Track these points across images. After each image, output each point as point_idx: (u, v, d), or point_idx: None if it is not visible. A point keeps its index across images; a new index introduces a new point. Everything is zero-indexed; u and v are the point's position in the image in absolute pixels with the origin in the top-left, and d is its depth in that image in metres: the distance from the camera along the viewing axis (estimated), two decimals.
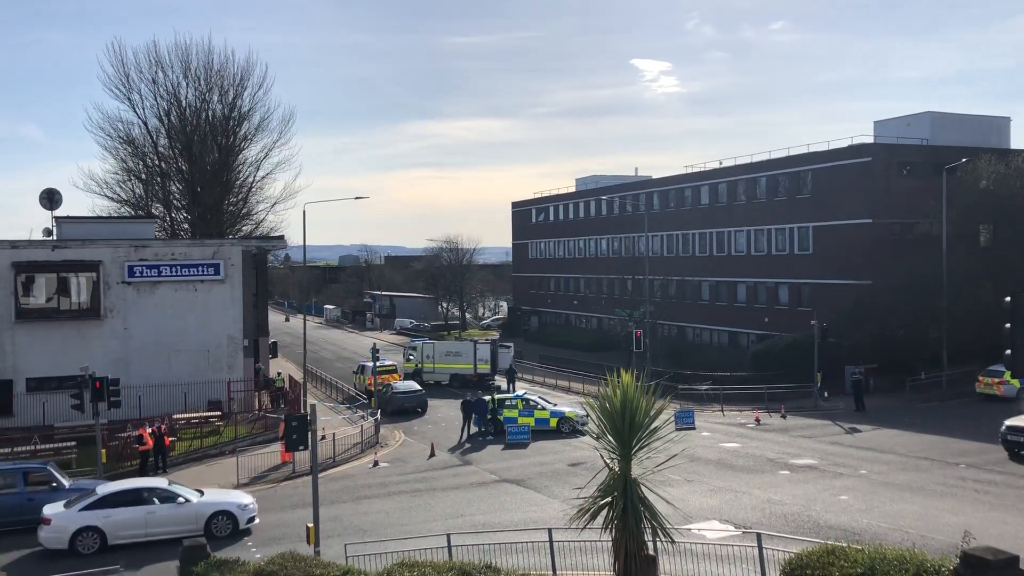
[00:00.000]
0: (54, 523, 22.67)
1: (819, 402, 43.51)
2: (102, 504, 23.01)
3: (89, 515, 22.78)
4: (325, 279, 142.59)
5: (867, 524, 21.89)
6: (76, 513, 22.82)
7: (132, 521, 22.98)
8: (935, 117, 56.24)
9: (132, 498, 23.45)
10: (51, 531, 22.65)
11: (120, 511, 23.02)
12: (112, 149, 58.84)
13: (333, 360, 71.82)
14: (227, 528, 23.67)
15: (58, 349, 38.21)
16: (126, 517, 22.99)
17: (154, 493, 23.80)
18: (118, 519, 22.92)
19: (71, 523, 22.64)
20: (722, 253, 62.24)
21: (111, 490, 23.66)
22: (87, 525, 22.64)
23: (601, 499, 13.59)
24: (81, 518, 22.71)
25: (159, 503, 23.52)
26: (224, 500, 24.30)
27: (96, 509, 22.90)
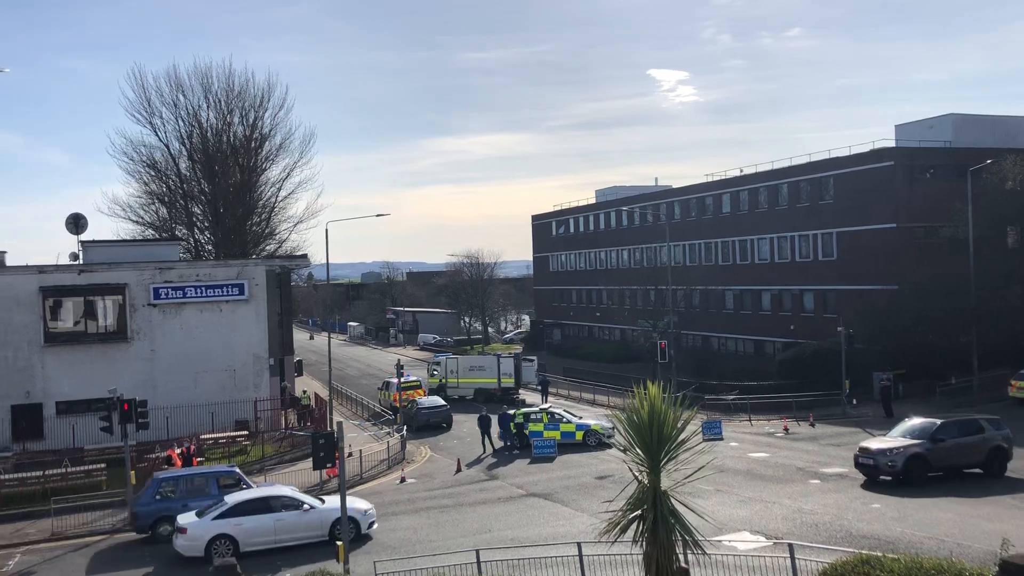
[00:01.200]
0: (190, 532, 23.34)
1: (847, 410, 43.06)
2: (233, 513, 23.57)
3: (222, 524, 23.39)
4: (348, 296, 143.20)
5: (901, 533, 21.58)
6: (210, 522, 23.43)
7: (262, 528, 23.53)
8: (958, 119, 55.75)
9: (261, 506, 23.96)
10: (187, 539, 23.32)
11: (250, 519, 23.58)
12: (135, 173, 59.59)
13: (358, 377, 72.00)
14: (350, 533, 23.89)
15: (86, 372, 38.57)
16: (256, 525, 23.54)
17: (281, 501, 24.34)
18: (249, 527, 23.48)
19: (206, 532, 23.26)
20: (745, 261, 61.91)
21: (241, 499, 24.16)
22: (221, 533, 23.23)
23: (631, 512, 13.47)
24: (215, 527, 23.32)
25: (286, 511, 24.03)
26: (349, 506, 24.42)
27: (228, 518, 23.49)
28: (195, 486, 26.66)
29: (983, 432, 27.57)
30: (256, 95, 58.81)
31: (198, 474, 27.66)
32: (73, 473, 31.81)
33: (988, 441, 27.40)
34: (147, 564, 23.52)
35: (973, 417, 29.01)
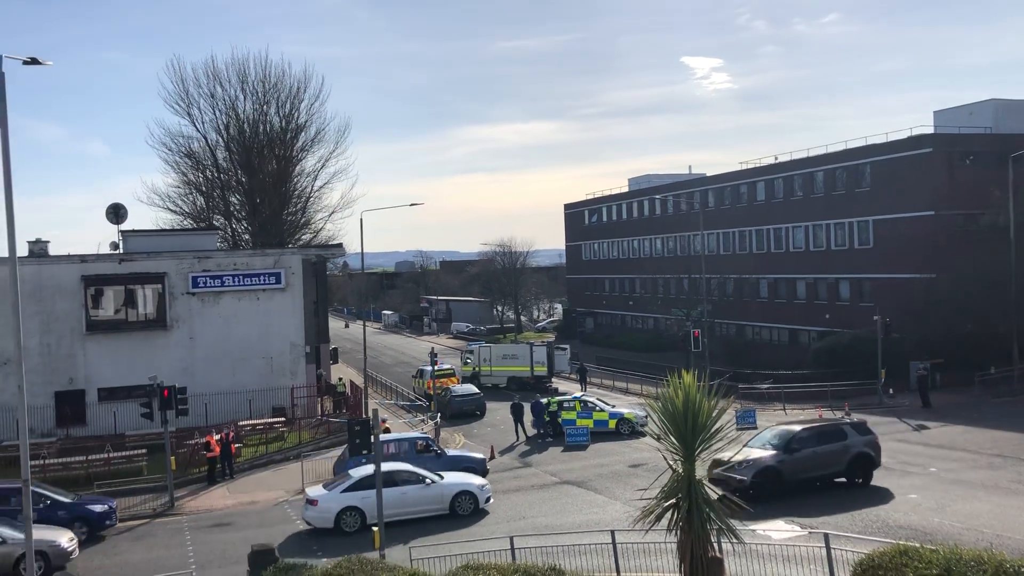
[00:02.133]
0: (320, 504, 24.55)
1: (884, 399, 42.63)
2: (360, 486, 24.53)
3: (350, 496, 24.54)
4: (382, 285, 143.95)
5: (939, 523, 21.41)
6: (339, 495, 24.59)
7: (387, 501, 23.99)
8: (999, 104, 54.74)
9: (385, 480, 24.25)
10: (317, 511, 24.61)
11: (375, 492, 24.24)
12: (173, 163, 60.34)
13: (392, 365, 72.51)
14: (469, 507, 25.45)
15: (127, 359, 39.26)
16: (384, 498, 24.11)
17: (404, 475, 25.56)
18: (374, 500, 23.92)
19: (335, 504, 24.41)
20: (780, 250, 61.38)
21: (365, 473, 24.75)
22: (349, 505, 24.38)
23: (665, 500, 13.54)
24: (344, 499, 24.46)
25: (409, 485, 25.23)
26: (466, 481, 26.26)
27: (356, 491, 24.56)
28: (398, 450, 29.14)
29: (845, 439, 25.86)
30: (292, 86, 59.30)
31: (398, 439, 30.49)
32: (115, 458, 32.51)
33: (851, 449, 25.65)
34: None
35: (836, 423, 27.53)
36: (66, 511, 24.93)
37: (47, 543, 21.25)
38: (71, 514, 24.88)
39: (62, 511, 24.86)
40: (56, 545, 21.66)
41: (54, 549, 21.51)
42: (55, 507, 24.86)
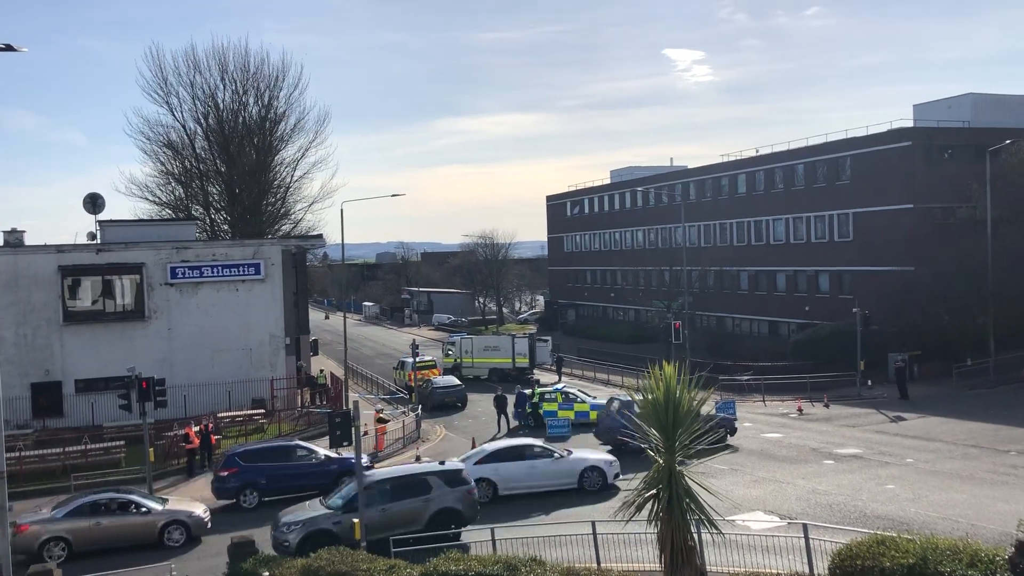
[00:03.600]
0: None
1: (862, 391, 42.97)
2: (492, 458, 25.72)
3: (482, 468, 25.30)
4: (363, 276, 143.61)
5: (915, 513, 21.60)
6: (472, 466, 24.89)
7: (517, 474, 25.29)
8: (977, 99, 55.18)
9: (516, 454, 26.02)
10: None
11: (506, 465, 25.60)
12: (152, 153, 59.74)
13: (373, 357, 72.34)
14: (597, 482, 25.84)
15: (105, 350, 38.93)
16: (512, 470, 25.56)
17: (534, 449, 26.38)
18: (505, 472, 25.38)
19: (469, 474, 24.56)
20: (760, 242, 61.67)
21: (497, 447, 26.68)
22: (482, 476, 24.99)
23: (646, 491, 13.56)
24: (477, 470, 24.88)
25: (538, 459, 25.94)
26: (595, 457, 26.82)
27: (488, 463, 25.55)
28: None
29: (429, 493, 21.81)
30: (271, 75, 58.80)
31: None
32: (92, 450, 32.22)
33: (432, 504, 21.68)
34: None
35: (420, 473, 22.55)
36: (336, 465, 27.58)
37: (186, 514, 23.57)
38: (341, 467, 27.36)
39: (333, 465, 27.65)
40: (194, 515, 23.66)
41: (193, 519, 23.58)
42: (327, 461, 27.82)
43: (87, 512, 22.90)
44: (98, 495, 23.87)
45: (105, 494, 24.03)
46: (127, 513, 23.24)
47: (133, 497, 23.85)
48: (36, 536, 22.27)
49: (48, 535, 22.34)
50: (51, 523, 22.62)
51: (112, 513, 23.13)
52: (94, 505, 23.14)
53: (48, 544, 22.25)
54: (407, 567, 15.73)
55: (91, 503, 23.21)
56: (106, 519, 22.95)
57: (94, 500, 23.39)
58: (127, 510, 23.31)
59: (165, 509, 23.65)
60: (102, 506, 23.19)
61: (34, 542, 22.19)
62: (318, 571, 15.75)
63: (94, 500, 23.39)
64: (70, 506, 23.14)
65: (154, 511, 23.38)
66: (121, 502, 23.47)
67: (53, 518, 22.74)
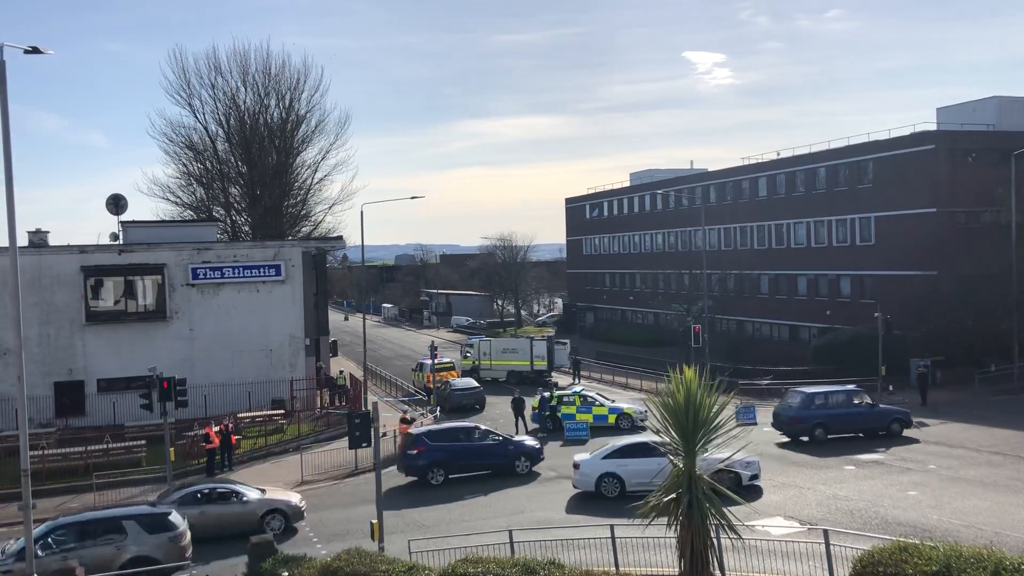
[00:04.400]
0: (582, 468, 25.13)
1: (883, 396, 42.56)
2: (620, 454, 25.32)
3: (610, 463, 25.10)
4: (382, 278, 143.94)
5: (938, 521, 21.39)
6: (600, 461, 25.00)
7: (645, 471, 24.18)
8: (1002, 102, 54.57)
9: (645, 450, 24.88)
10: (580, 475, 25.24)
11: (635, 461, 24.98)
12: (174, 154, 60.21)
13: (392, 358, 72.48)
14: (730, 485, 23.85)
15: (126, 350, 39.24)
16: (640, 467, 24.56)
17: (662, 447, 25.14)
18: (633, 468, 24.83)
19: (596, 469, 24.88)
20: (781, 246, 61.30)
21: (627, 441, 25.99)
22: (609, 472, 24.98)
23: (665, 495, 13.51)
24: (603, 465, 25.00)
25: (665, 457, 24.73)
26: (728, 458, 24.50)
27: (615, 458, 25.24)
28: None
29: (124, 539, 20.33)
30: (292, 77, 59.18)
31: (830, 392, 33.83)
32: (114, 449, 32.49)
33: (125, 551, 20.21)
34: None
35: (111, 517, 21.08)
36: (514, 446, 29.80)
37: (283, 503, 24.43)
38: (517, 449, 29.59)
39: (511, 446, 29.79)
40: (291, 504, 24.51)
41: (290, 508, 24.42)
42: (506, 442, 30.00)
43: (192, 501, 23.71)
44: (202, 485, 24.84)
45: (208, 484, 25.02)
46: (229, 502, 24.06)
47: (235, 487, 24.73)
48: None
49: None
50: None
51: (215, 502, 23.97)
52: (199, 495, 24.05)
53: None
54: (425, 570, 15.74)
55: (195, 492, 24.12)
56: (210, 508, 23.76)
57: (198, 490, 24.33)
58: (229, 499, 24.15)
59: (264, 498, 24.41)
60: (206, 495, 24.10)
61: None
62: (337, 571, 15.79)
63: (198, 490, 24.33)
64: (176, 495, 23.96)
65: (254, 500, 24.12)
66: (223, 492, 24.39)
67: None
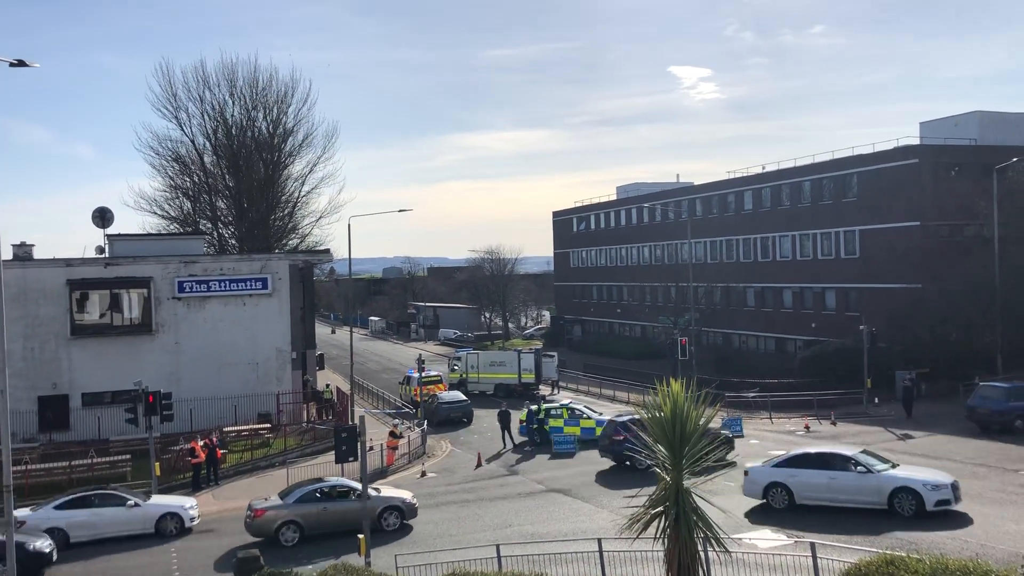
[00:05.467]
0: (751, 475, 24.64)
1: (869, 409, 42.79)
2: (791, 463, 24.40)
3: (780, 472, 24.31)
4: (370, 291, 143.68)
5: (924, 533, 21.45)
6: (769, 469, 24.54)
7: (815, 484, 23.51)
8: (984, 116, 55.19)
9: (817, 461, 24.09)
10: (749, 482, 24.81)
11: (805, 472, 24.02)
12: (161, 167, 60.10)
13: (379, 371, 72.32)
14: (911, 507, 22.80)
15: (112, 364, 39.01)
16: (810, 479, 23.75)
17: (839, 458, 24.06)
18: (803, 479, 23.89)
19: (764, 478, 24.32)
20: (767, 259, 61.62)
21: (803, 451, 25.01)
22: (775, 481, 24.16)
23: (653, 508, 13.50)
24: (773, 474, 24.31)
25: (842, 471, 23.61)
26: (911, 477, 23.47)
27: (786, 467, 24.37)
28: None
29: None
30: (280, 90, 59.26)
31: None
32: (99, 464, 32.26)
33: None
34: None
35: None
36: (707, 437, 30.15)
37: (400, 500, 25.43)
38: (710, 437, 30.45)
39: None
40: (407, 501, 25.46)
41: (406, 504, 25.40)
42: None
43: (314, 498, 24.76)
44: (321, 483, 25.75)
45: (328, 481, 25.92)
46: (348, 499, 24.77)
47: (353, 484, 25.34)
48: (272, 520, 24.10)
49: (283, 519, 24.20)
50: (284, 508, 24.43)
51: (335, 499, 24.91)
52: (319, 492, 25.06)
53: (283, 527, 24.11)
54: None
55: (315, 490, 25.10)
56: (331, 504, 24.72)
57: (318, 488, 25.27)
58: (347, 496, 24.91)
59: (381, 496, 25.31)
60: (326, 493, 25.06)
61: (271, 525, 24.08)
62: None
63: (318, 488, 25.27)
64: (297, 493, 24.95)
65: (372, 497, 24.41)
66: (342, 489, 25.28)
67: (285, 504, 24.55)
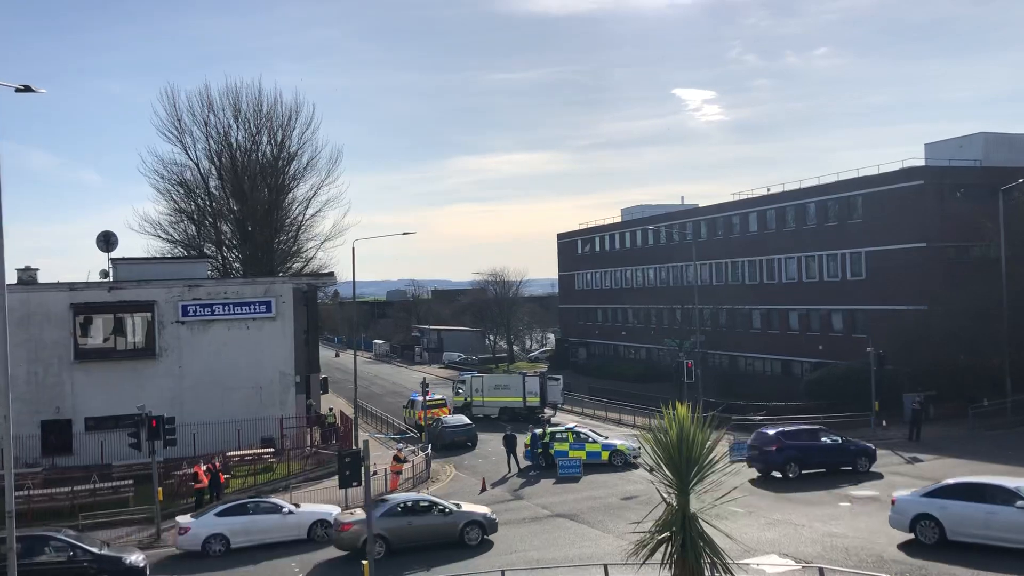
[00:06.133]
0: (898, 505, 23.11)
1: (877, 431, 42.42)
2: (942, 493, 22.31)
3: (929, 503, 22.31)
4: (374, 314, 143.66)
5: (934, 558, 21.16)
6: (918, 499, 22.68)
7: (970, 519, 21.46)
8: (989, 137, 55.15)
9: (974, 493, 21.85)
10: (895, 512, 23.15)
11: (958, 504, 21.82)
12: (165, 191, 60.20)
13: (383, 395, 72.09)
14: None
15: (115, 388, 38.87)
16: (964, 512, 21.66)
17: (991, 490, 21.76)
18: (955, 512, 21.78)
19: (911, 509, 22.59)
20: (772, 281, 61.46)
21: (953, 481, 23.10)
22: (924, 512, 22.29)
23: (659, 534, 13.33)
24: (921, 505, 22.44)
25: (1002, 504, 21.21)
26: None
27: (936, 498, 22.32)
28: None
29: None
30: (284, 114, 59.39)
31: None
32: (101, 489, 32.04)
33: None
34: None
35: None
36: (854, 447, 34.07)
37: (481, 515, 25.98)
38: (857, 448, 34.11)
39: (852, 446, 34.04)
40: (488, 517, 26.04)
41: (487, 520, 25.90)
42: (847, 443, 34.11)
43: (399, 512, 25.37)
44: (403, 497, 26.75)
45: (408, 496, 26.89)
46: (431, 514, 25.60)
47: (436, 499, 26.48)
48: (359, 535, 24.14)
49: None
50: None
51: (419, 514, 25.56)
52: (404, 506, 25.70)
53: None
54: None
55: (397, 505, 25.74)
56: (416, 519, 25.37)
57: (401, 501, 26.02)
58: (431, 511, 25.71)
59: (463, 511, 25.93)
60: (409, 508, 25.69)
61: (357, 539, 24.24)
62: None
63: (401, 501, 26.02)
64: (383, 508, 25.33)
65: (455, 512, 25.63)
66: (425, 504, 26.09)
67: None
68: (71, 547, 22.91)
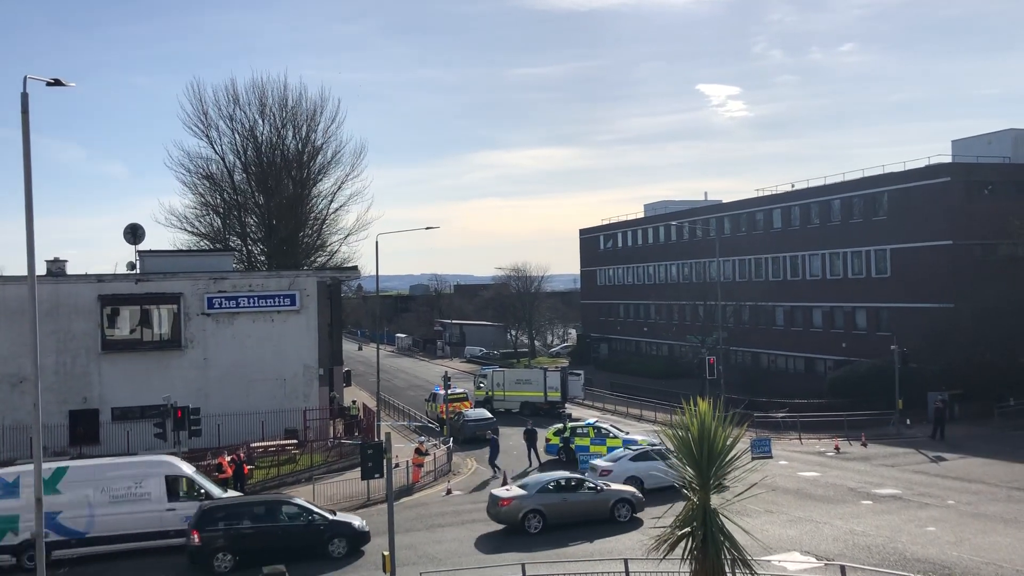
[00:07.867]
0: None
1: (901, 430, 42.17)
2: None
3: None
4: (397, 308, 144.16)
5: (957, 557, 21.07)
6: None
7: None
8: (1017, 135, 54.51)
9: None
10: None
11: None
12: (191, 185, 60.70)
13: (405, 388, 72.42)
14: None
15: (141, 379, 39.36)
16: None
17: None
18: None
19: None
20: (796, 277, 61.12)
21: None
22: None
23: (680, 529, 13.38)
24: None
25: None
26: None
27: None
28: None
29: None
30: (309, 109, 59.69)
31: None
32: None
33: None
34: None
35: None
36: None
37: (630, 493, 26.92)
38: None
39: None
40: (636, 495, 26.86)
41: (635, 499, 26.75)
42: None
43: (553, 489, 26.28)
44: (554, 475, 27.50)
45: (558, 474, 27.64)
46: (581, 490, 26.43)
47: (585, 477, 27.26)
48: (518, 509, 25.59)
49: (528, 508, 25.67)
50: (527, 499, 25.93)
51: (572, 491, 26.37)
52: (556, 484, 26.54)
53: (528, 516, 25.59)
54: None
55: (554, 481, 26.68)
56: (570, 496, 26.19)
57: (556, 479, 26.89)
58: (581, 488, 26.54)
59: (612, 488, 26.90)
60: (562, 486, 26.47)
61: (517, 513, 25.58)
62: None
63: (556, 479, 26.89)
64: (537, 485, 26.41)
65: (605, 490, 26.52)
66: (576, 481, 26.90)
67: (529, 494, 26.04)
68: (307, 511, 24.30)
